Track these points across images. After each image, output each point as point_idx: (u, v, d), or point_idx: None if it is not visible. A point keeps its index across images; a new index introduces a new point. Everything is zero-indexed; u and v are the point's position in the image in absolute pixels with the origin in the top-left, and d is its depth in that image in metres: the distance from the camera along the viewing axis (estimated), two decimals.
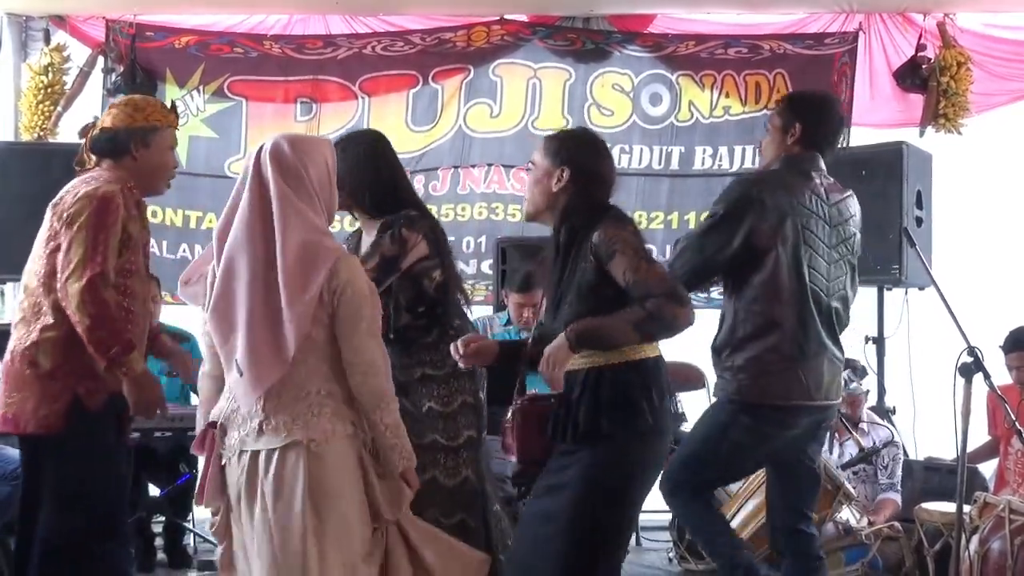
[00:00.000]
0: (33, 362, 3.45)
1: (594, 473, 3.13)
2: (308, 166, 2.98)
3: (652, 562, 5.76)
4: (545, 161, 3.27)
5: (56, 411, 3.42)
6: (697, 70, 6.87)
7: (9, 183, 6.18)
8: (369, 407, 2.95)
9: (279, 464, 2.90)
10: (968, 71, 6.58)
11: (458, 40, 6.90)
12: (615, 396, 3.14)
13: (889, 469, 5.57)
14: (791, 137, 3.84)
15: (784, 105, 4.04)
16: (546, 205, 3.28)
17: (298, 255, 2.88)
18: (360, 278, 2.97)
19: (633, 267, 3.06)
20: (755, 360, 3.69)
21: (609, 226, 3.14)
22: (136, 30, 6.77)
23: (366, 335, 2.94)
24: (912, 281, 5.71)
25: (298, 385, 2.93)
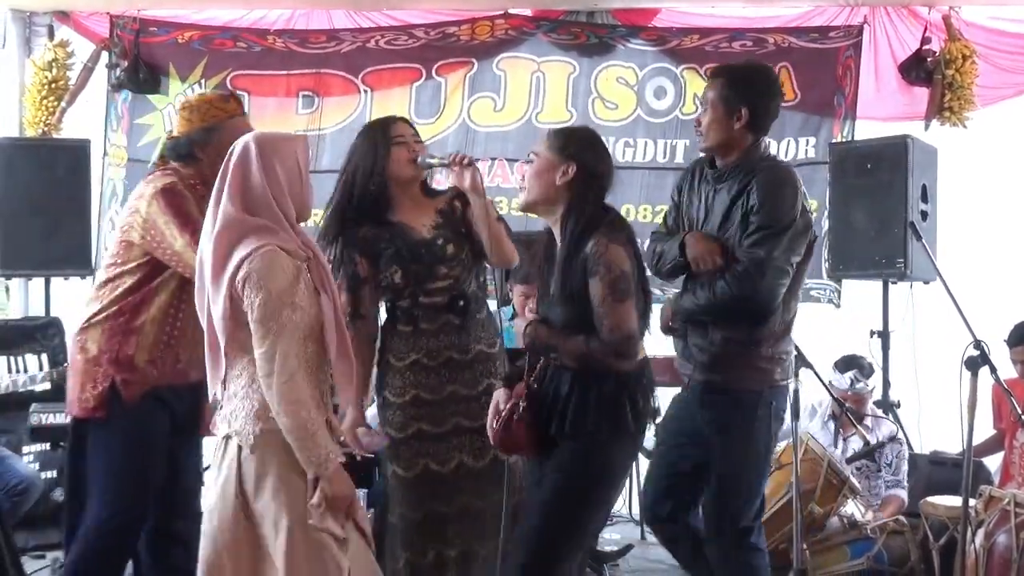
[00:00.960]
0: (83, 347, 3.65)
1: (573, 468, 3.25)
2: (275, 166, 3.00)
3: (658, 556, 5.74)
4: (550, 154, 3.30)
5: (95, 395, 3.59)
6: (702, 63, 6.83)
7: (14, 178, 6.21)
8: (271, 404, 2.91)
9: (221, 453, 3.02)
10: (973, 64, 6.57)
11: (462, 34, 6.91)
12: (603, 398, 3.23)
13: (894, 466, 5.56)
14: (738, 122, 3.68)
15: (725, 83, 3.75)
16: (546, 197, 3.31)
17: (218, 257, 2.94)
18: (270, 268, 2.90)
19: (601, 298, 3.16)
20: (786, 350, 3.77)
21: (601, 239, 3.19)
22: (140, 25, 6.79)
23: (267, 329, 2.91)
24: (917, 275, 5.72)
25: (235, 378, 3.00)
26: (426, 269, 3.78)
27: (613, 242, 3.19)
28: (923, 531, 5.02)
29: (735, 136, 3.71)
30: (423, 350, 3.78)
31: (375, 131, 3.90)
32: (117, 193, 6.81)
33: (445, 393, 3.75)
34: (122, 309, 3.61)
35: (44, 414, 5.19)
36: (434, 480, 3.73)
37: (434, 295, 3.79)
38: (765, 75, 3.94)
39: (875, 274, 5.96)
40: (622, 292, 3.16)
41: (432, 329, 3.79)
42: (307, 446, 2.89)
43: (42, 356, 6.06)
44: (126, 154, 6.88)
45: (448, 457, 3.75)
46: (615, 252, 3.17)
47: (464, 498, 3.75)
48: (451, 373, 3.77)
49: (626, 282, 3.17)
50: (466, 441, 3.76)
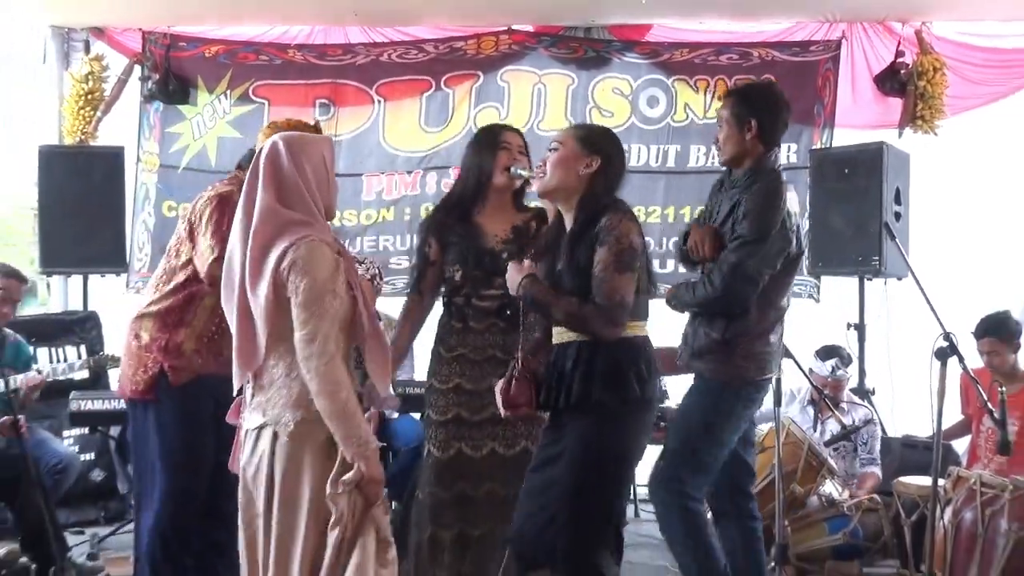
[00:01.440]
0: (137, 335, 3.77)
1: (589, 441, 3.17)
2: (304, 164, 2.97)
3: (649, 532, 5.78)
4: (576, 145, 3.29)
5: (145, 379, 3.72)
6: (691, 75, 6.87)
7: (53, 183, 6.26)
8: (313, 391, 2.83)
9: (254, 443, 2.94)
10: (943, 76, 6.58)
11: (468, 48, 6.92)
12: (607, 368, 3.17)
13: (868, 445, 5.61)
14: (748, 133, 3.79)
15: (736, 100, 3.88)
16: (567, 185, 3.29)
17: (258, 250, 2.89)
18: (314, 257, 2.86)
19: (604, 265, 3.13)
20: (765, 350, 3.78)
21: (615, 215, 3.18)
22: (170, 41, 6.81)
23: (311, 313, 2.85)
24: (891, 272, 5.75)
25: (270, 369, 2.93)
26: (484, 276, 3.82)
27: (627, 219, 3.19)
28: (896, 508, 5.05)
29: (747, 147, 3.81)
30: (469, 346, 3.84)
31: (489, 134, 3.98)
32: (149, 196, 6.84)
33: (485, 385, 3.74)
34: (176, 301, 3.74)
35: (83, 401, 5.27)
36: (466, 463, 3.77)
37: (486, 300, 3.84)
38: (771, 91, 4.02)
39: (852, 271, 5.99)
40: (625, 263, 3.13)
41: (480, 328, 3.84)
42: (347, 426, 2.83)
43: (80, 347, 6.12)
44: (158, 160, 6.89)
45: (481, 444, 3.80)
46: (627, 227, 3.17)
47: (491, 484, 3.78)
48: (493, 368, 3.77)
49: (632, 255, 3.15)
50: (499, 431, 3.79)
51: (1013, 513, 4.27)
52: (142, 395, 3.73)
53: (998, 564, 4.24)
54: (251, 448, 2.95)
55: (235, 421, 3.09)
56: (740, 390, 3.80)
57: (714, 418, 3.81)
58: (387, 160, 6.93)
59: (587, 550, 3.15)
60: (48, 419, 5.65)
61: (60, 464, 5.00)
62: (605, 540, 3.20)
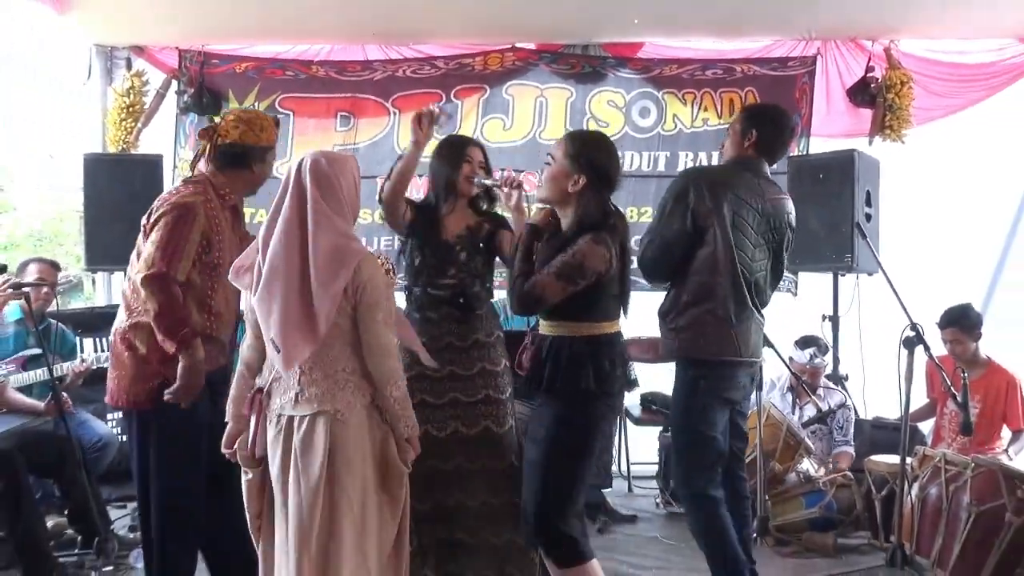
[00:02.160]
0: (131, 345, 3.41)
1: (556, 422, 3.23)
2: (340, 177, 3.06)
3: (641, 506, 5.79)
4: (565, 162, 3.25)
5: (146, 390, 3.39)
6: (680, 88, 6.85)
7: (97, 188, 6.22)
8: (382, 383, 3.01)
9: (308, 427, 2.99)
10: (910, 89, 6.57)
11: (476, 64, 6.90)
12: (570, 360, 3.20)
13: (844, 428, 5.59)
14: (748, 141, 3.83)
15: (745, 114, 4.00)
16: (559, 200, 3.30)
17: (328, 255, 2.95)
18: (378, 276, 3.03)
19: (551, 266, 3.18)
20: (695, 321, 3.69)
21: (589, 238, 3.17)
22: (204, 58, 6.79)
23: (382, 324, 3.01)
24: (862, 268, 5.71)
25: (327, 365, 3.01)
26: (439, 265, 3.88)
27: (598, 243, 3.16)
28: (867, 485, 5.04)
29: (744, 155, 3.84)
30: (427, 335, 3.84)
31: (455, 147, 4.05)
32: None
33: (445, 372, 3.83)
34: None
35: None
36: (432, 443, 3.75)
37: (441, 289, 3.88)
38: (779, 113, 4.01)
39: (826, 267, 5.96)
40: (566, 274, 3.15)
41: (436, 318, 3.88)
42: (408, 413, 3.08)
43: None
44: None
45: (444, 424, 3.82)
46: (592, 249, 3.15)
47: (457, 459, 3.82)
48: (450, 355, 3.85)
49: (576, 271, 3.14)
50: (460, 412, 3.84)
51: (974, 489, 4.24)
52: (140, 406, 3.41)
53: (960, 535, 4.21)
54: (301, 434, 2.99)
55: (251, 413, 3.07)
56: (693, 372, 3.73)
57: (684, 401, 3.78)
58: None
59: (553, 517, 3.21)
60: (92, 403, 5.60)
61: (100, 442, 4.99)
62: (571, 510, 3.24)
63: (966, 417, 4.36)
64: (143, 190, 6.20)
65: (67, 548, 4.64)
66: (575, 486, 3.25)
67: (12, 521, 4.15)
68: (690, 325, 3.70)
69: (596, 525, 5.25)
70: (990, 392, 5.35)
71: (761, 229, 3.78)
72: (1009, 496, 4.13)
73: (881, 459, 5.06)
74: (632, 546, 5.00)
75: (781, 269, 3.95)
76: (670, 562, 4.75)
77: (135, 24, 6.57)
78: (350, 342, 3.01)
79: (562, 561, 3.23)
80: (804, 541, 4.92)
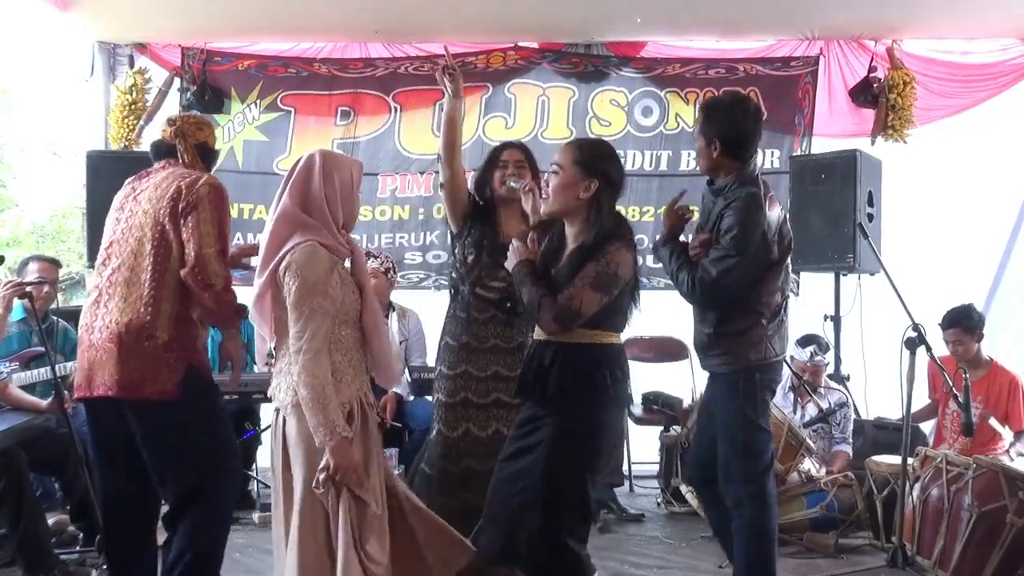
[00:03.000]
0: (151, 335, 3.28)
1: (563, 432, 3.10)
2: (333, 178, 3.04)
3: (643, 506, 5.79)
4: (574, 169, 3.17)
5: (173, 380, 3.29)
6: (682, 87, 6.86)
7: (100, 185, 6.21)
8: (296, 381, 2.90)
9: (275, 423, 3.04)
10: (912, 89, 6.58)
11: (479, 63, 6.90)
12: (579, 369, 3.12)
13: (842, 426, 5.59)
14: (715, 151, 3.59)
15: (703, 117, 3.69)
16: (569, 209, 3.21)
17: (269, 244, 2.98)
18: (308, 261, 2.90)
19: (584, 276, 3.08)
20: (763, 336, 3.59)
21: (620, 245, 3.13)
22: (206, 56, 6.80)
23: (298, 313, 2.91)
24: (864, 268, 5.72)
25: (281, 358, 3.01)
26: (492, 265, 3.85)
27: (627, 250, 3.14)
28: (868, 485, 5.03)
29: (717, 162, 3.62)
30: (473, 335, 3.88)
31: (492, 151, 4.08)
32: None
33: (490, 371, 3.85)
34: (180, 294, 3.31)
35: None
36: (473, 442, 3.79)
37: (490, 291, 3.89)
38: (736, 107, 3.68)
39: (828, 267, 5.96)
40: (603, 284, 3.06)
41: (482, 319, 3.89)
42: (316, 415, 2.85)
43: None
44: None
45: (487, 424, 3.83)
46: (623, 256, 3.10)
47: (495, 460, 3.69)
48: (495, 356, 3.87)
49: (610, 280, 3.07)
50: (503, 413, 3.82)
51: (976, 490, 4.24)
52: (166, 395, 3.27)
53: (962, 536, 4.21)
54: (272, 429, 3.06)
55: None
56: (752, 376, 3.62)
57: (745, 407, 3.63)
58: (402, 161, 6.91)
59: (559, 532, 3.10)
60: None
61: None
62: (577, 525, 3.16)
63: (967, 418, 4.36)
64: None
65: (68, 545, 4.64)
66: (582, 499, 3.14)
67: (14, 518, 4.15)
68: (756, 338, 3.59)
69: (597, 524, 5.25)
70: (992, 393, 5.35)
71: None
72: (1010, 497, 4.13)
73: (883, 459, 5.05)
74: (633, 545, 5.00)
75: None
76: (671, 562, 4.74)
77: (138, 21, 6.58)
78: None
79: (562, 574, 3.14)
80: (805, 541, 4.91)
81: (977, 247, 6.79)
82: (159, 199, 3.35)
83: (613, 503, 5.53)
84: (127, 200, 3.48)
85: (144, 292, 3.30)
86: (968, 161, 6.71)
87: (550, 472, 3.09)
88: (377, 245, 6.74)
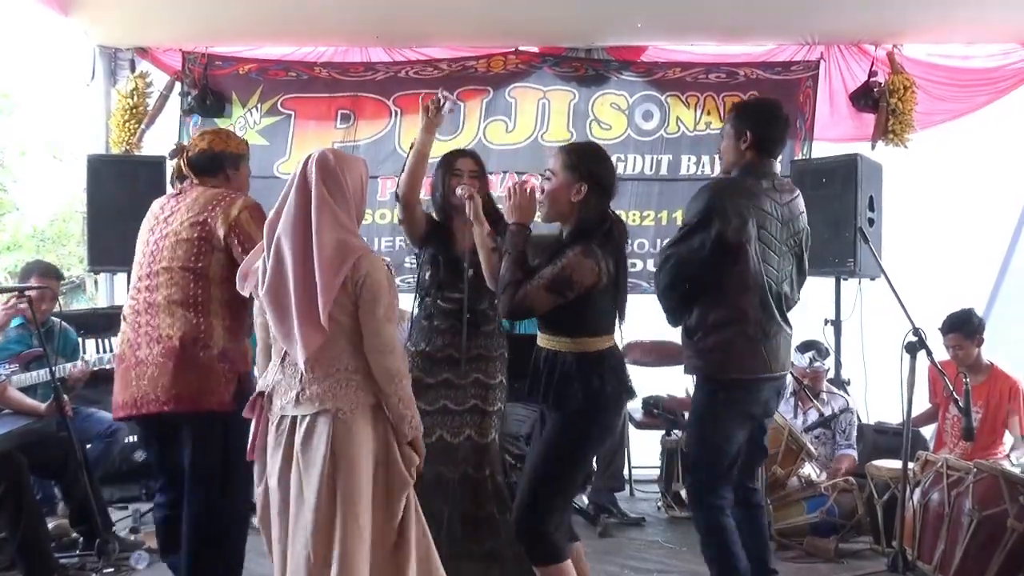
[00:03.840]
0: (206, 345, 3.40)
1: (552, 437, 3.28)
2: (347, 174, 3.04)
3: (643, 510, 5.78)
4: (565, 173, 3.26)
5: (230, 391, 3.42)
6: (683, 91, 6.86)
7: (101, 189, 6.24)
8: (384, 382, 2.96)
9: (309, 427, 2.97)
10: (913, 94, 6.58)
11: (479, 67, 6.91)
12: (561, 378, 3.24)
13: (847, 432, 5.59)
14: (744, 143, 3.68)
15: (736, 114, 3.81)
16: (562, 212, 3.30)
17: (331, 249, 2.94)
18: (379, 271, 2.98)
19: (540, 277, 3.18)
20: (725, 342, 3.57)
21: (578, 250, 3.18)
22: (207, 60, 6.81)
23: (383, 320, 2.97)
24: (865, 272, 5.72)
25: (329, 363, 2.98)
26: (450, 279, 3.93)
27: (586, 256, 3.16)
28: (869, 489, 5.03)
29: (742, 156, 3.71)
30: (431, 343, 3.94)
31: (445, 160, 4.10)
32: None
33: (440, 378, 3.92)
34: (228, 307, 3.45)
35: None
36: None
37: (450, 303, 3.94)
38: (770, 107, 3.87)
39: (829, 271, 5.96)
40: (554, 286, 3.15)
41: (443, 328, 3.95)
42: (412, 412, 3.02)
43: None
44: None
45: (431, 431, 3.83)
46: (579, 262, 3.15)
47: (439, 467, 3.84)
48: (449, 365, 3.93)
49: (564, 284, 3.15)
50: (448, 420, 3.91)
51: (976, 495, 4.24)
52: (224, 406, 3.38)
53: (962, 541, 4.21)
54: (303, 432, 2.98)
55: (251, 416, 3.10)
56: (714, 386, 3.64)
57: (701, 413, 3.70)
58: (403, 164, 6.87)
59: (537, 518, 3.24)
60: (95, 404, 5.62)
61: (110, 428, 5.03)
62: (550, 516, 3.26)
63: (968, 422, 4.36)
64: (146, 191, 6.20)
65: (68, 549, 4.64)
66: (558, 495, 3.29)
67: (14, 522, 4.15)
68: (718, 346, 3.57)
69: (598, 528, 5.26)
70: (992, 398, 5.35)
71: (783, 237, 3.68)
72: (1011, 502, 4.13)
73: (883, 464, 5.05)
74: (633, 549, 5.00)
75: (804, 268, 3.87)
76: (671, 566, 4.74)
77: (139, 25, 6.58)
78: (351, 340, 2.98)
79: (536, 559, 3.28)
80: (806, 545, 4.92)
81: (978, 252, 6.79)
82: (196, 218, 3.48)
83: (614, 507, 5.53)
84: (158, 221, 3.58)
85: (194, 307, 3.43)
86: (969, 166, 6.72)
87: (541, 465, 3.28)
88: (377, 248, 6.74)
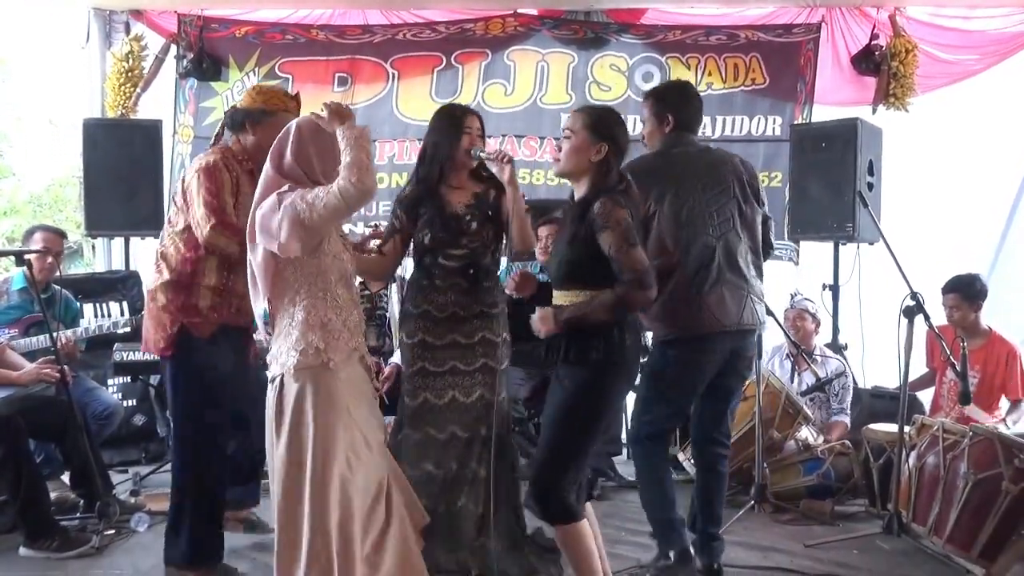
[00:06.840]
0: (154, 298, 3.75)
1: (572, 397, 3.25)
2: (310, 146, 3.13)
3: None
4: (586, 133, 3.30)
5: (165, 338, 3.69)
6: (683, 53, 6.86)
7: (97, 153, 6.23)
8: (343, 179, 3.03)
9: (273, 391, 3.08)
10: (914, 57, 6.57)
11: (478, 30, 6.89)
12: (580, 331, 3.22)
13: (840, 396, 5.62)
14: (667, 126, 3.90)
15: (654, 100, 4.01)
16: (579, 170, 3.32)
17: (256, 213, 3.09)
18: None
19: (617, 247, 3.15)
20: (662, 304, 3.64)
21: (607, 200, 3.20)
22: (203, 22, 6.79)
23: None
24: (864, 237, 5.73)
25: (278, 322, 3.10)
26: (450, 238, 3.87)
27: (616, 204, 3.20)
28: (865, 453, 5.06)
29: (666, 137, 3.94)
30: (433, 303, 3.89)
31: (453, 117, 3.96)
32: (185, 165, 6.77)
33: (447, 340, 3.87)
34: (183, 268, 3.69)
35: (125, 352, 5.27)
36: (431, 410, 3.84)
37: (451, 260, 3.89)
38: (680, 87, 4.19)
39: (828, 236, 5.97)
40: (633, 238, 3.18)
41: (444, 287, 3.89)
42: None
43: (123, 303, 6.14)
44: (192, 132, 6.89)
45: (443, 392, 3.86)
46: (619, 211, 3.19)
47: (452, 427, 3.86)
48: (453, 324, 3.88)
49: (632, 232, 3.19)
50: (459, 380, 3.88)
51: (972, 458, 4.26)
52: (162, 352, 3.74)
53: (957, 503, 4.24)
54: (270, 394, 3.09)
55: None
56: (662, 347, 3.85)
57: (652, 361, 3.90)
58: (400, 128, 6.92)
59: (553, 477, 3.24)
60: (94, 369, 5.66)
61: (106, 411, 5.02)
62: (571, 474, 3.27)
63: (965, 386, 4.38)
64: (142, 155, 6.23)
65: (69, 512, 4.69)
66: (577, 456, 3.28)
67: (14, 485, 4.20)
68: (659, 308, 3.66)
69: (595, 492, 5.29)
70: (989, 362, 5.37)
71: (712, 188, 3.81)
72: (1006, 465, 4.16)
73: (879, 427, 5.07)
74: (630, 513, 5.02)
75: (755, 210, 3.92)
76: None
77: None
78: (286, 288, 3.07)
79: (552, 519, 3.31)
80: (802, 508, 4.95)
81: (978, 217, 6.78)
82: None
83: (611, 471, 5.57)
84: None
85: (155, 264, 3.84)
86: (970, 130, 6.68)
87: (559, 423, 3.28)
88: (375, 212, 6.75)
